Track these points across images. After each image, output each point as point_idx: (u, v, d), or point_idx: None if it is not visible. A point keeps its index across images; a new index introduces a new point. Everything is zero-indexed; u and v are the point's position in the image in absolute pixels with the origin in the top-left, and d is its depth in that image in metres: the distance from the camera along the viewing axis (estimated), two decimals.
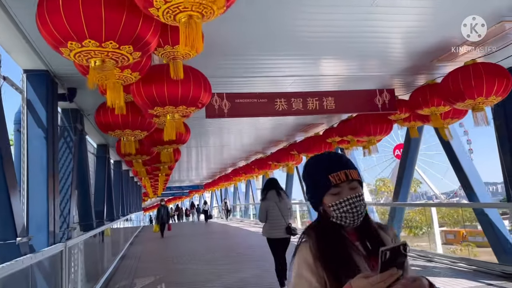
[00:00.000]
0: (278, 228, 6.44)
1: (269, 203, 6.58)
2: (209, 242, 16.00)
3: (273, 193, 6.65)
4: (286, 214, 6.52)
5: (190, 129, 8.10)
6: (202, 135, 13.13)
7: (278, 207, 6.50)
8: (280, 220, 6.45)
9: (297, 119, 11.88)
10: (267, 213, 6.56)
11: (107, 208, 13.47)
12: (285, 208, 6.55)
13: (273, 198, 6.59)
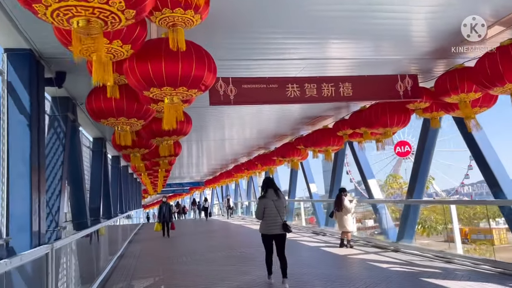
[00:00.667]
0: (275, 225, 6.82)
1: (267, 201, 6.89)
2: (211, 241, 15.37)
3: (272, 191, 6.97)
4: (282, 212, 6.90)
5: (191, 119, 7.46)
6: (202, 128, 12.49)
7: (275, 205, 6.83)
8: (277, 217, 6.82)
9: (303, 111, 11.26)
10: (264, 210, 6.88)
11: (104, 205, 12.86)
12: (281, 206, 6.91)
13: (272, 196, 6.92)
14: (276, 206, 6.84)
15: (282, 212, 6.88)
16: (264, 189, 7.09)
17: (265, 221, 6.89)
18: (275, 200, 6.88)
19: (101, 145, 11.75)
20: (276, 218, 6.82)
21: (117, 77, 4.77)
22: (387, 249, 10.49)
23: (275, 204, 6.84)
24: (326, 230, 14.82)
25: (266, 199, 6.92)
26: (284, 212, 7.01)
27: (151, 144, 8.60)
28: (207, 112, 10.11)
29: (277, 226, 6.81)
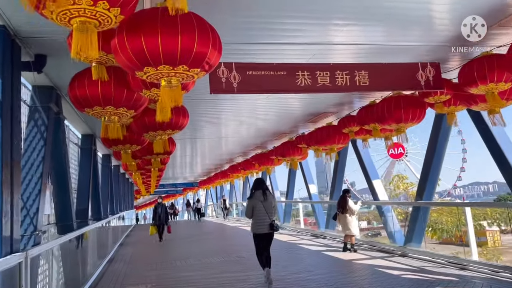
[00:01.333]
0: (263, 225, 7.12)
1: (255, 201, 7.22)
2: (206, 244, 14.69)
3: (259, 192, 7.29)
4: (270, 212, 7.19)
5: (188, 112, 6.79)
6: (196, 125, 11.79)
7: (263, 205, 7.16)
8: (265, 217, 7.13)
9: (305, 108, 10.66)
10: (253, 210, 7.22)
11: (93, 206, 12.14)
12: (270, 207, 7.22)
13: (259, 197, 7.23)
14: (264, 206, 7.16)
15: (270, 212, 7.18)
16: (252, 191, 7.46)
17: (254, 220, 7.24)
18: (263, 200, 7.20)
19: (90, 142, 11.03)
20: (264, 218, 7.13)
21: (104, 56, 4.09)
22: (394, 253, 9.89)
23: (263, 204, 7.16)
24: (326, 233, 14.20)
25: (254, 199, 7.26)
26: (273, 212, 7.29)
27: (143, 140, 7.91)
28: (202, 107, 9.46)
29: (265, 226, 7.11)
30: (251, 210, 7.25)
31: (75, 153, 11.09)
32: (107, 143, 7.70)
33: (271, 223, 7.10)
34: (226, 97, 9.07)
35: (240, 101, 9.69)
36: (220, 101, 9.34)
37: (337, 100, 9.67)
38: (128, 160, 8.50)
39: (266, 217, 7.11)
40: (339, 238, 13.12)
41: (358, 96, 9.38)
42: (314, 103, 10.01)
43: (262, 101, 9.71)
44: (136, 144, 7.94)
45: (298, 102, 10.14)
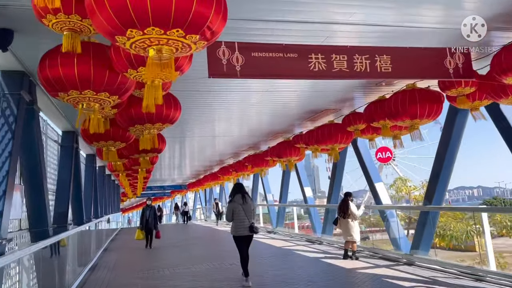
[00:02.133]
0: (243, 227, 7.40)
1: (235, 205, 7.52)
2: (196, 250, 13.83)
3: (239, 196, 7.60)
4: (250, 215, 7.49)
5: (180, 104, 6.01)
6: (185, 122, 10.93)
7: (243, 209, 7.45)
8: (244, 220, 7.40)
9: (303, 105, 9.92)
10: (233, 213, 7.51)
11: (74, 209, 11.24)
12: (249, 210, 7.52)
13: (239, 200, 7.54)
14: (244, 209, 7.45)
15: (249, 215, 7.48)
16: (232, 195, 7.76)
17: (234, 223, 7.53)
18: (242, 204, 7.49)
19: (71, 139, 10.12)
20: (244, 221, 7.41)
21: (78, 22, 3.29)
22: (399, 261, 9.20)
23: (243, 207, 7.46)
24: (323, 238, 13.46)
25: (234, 203, 7.57)
26: (252, 215, 7.59)
27: (129, 136, 7.08)
28: (189, 101, 8.65)
29: (245, 228, 7.39)
30: (231, 213, 7.55)
31: (55, 151, 10.18)
32: (88, 138, 6.86)
33: (250, 226, 7.42)
34: (218, 90, 8.35)
35: (233, 96, 8.96)
36: (212, 95, 8.54)
37: (339, 96, 8.98)
38: (113, 158, 7.64)
39: (245, 219, 7.41)
40: (337, 244, 12.41)
41: (362, 92, 8.69)
42: (313, 99, 9.30)
43: (257, 96, 8.99)
44: (120, 141, 7.11)
45: (296, 98, 9.43)
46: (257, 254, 11.67)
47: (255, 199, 23.68)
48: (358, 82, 8.00)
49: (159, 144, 7.96)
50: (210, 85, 7.67)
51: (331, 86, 8.31)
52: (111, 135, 6.83)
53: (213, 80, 7.31)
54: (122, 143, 7.19)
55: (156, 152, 8.89)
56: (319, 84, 8.23)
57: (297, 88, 8.45)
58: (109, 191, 24.10)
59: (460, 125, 8.05)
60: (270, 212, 19.95)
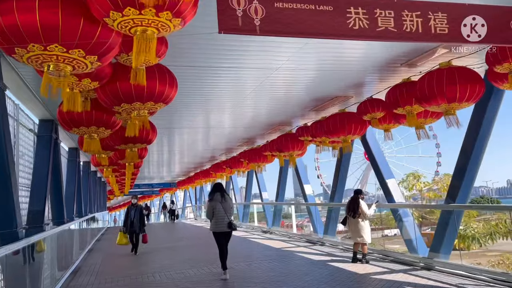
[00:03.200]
0: (223, 224, 7.84)
1: (215, 204, 7.91)
2: (189, 251, 12.74)
3: (218, 195, 7.99)
4: (229, 212, 7.92)
5: (176, 81, 4.97)
6: (173, 110, 9.90)
7: (222, 207, 7.87)
8: (224, 217, 7.85)
9: (307, 93, 8.94)
10: (213, 211, 7.90)
11: (54, 207, 10.12)
12: (228, 208, 7.95)
13: (218, 199, 7.93)
14: (223, 207, 7.89)
15: (228, 213, 7.93)
16: (212, 194, 8.14)
17: (214, 220, 7.93)
18: (222, 202, 7.91)
19: (50, 129, 8.98)
20: (223, 218, 7.85)
21: None
22: (415, 266, 8.28)
23: (222, 205, 7.89)
24: (325, 239, 12.49)
25: (214, 201, 7.94)
26: (231, 212, 8.03)
27: (114, 120, 6.02)
28: (183, 88, 7.65)
29: (224, 225, 7.84)
30: (211, 211, 7.93)
31: (31, 142, 9.03)
32: (65, 123, 5.78)
33: (229, 222, 7.88)
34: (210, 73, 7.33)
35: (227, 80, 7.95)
36: (203, 76, 7.46)
37: (349, 81, 8.02)
38: (96, 148, 6.52)
39: (225, 217, 7.87)
40: (342, 245, 11.47)
41: (377, 75, 7.72)
42: (321, 85, 8.32)
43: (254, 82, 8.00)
44: (105, 127, 6.04)
45: (300, 83, 8.44)
46: (255, 256, 10.67)
47: (249, 198, 22.55)
48: (374, 63, 7.04)
49: (149, 131, 7.01)
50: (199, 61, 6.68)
51: (342, 68, 7.35)
52: (93, 119, 5.79)
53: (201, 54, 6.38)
54: (106, 130, 6.12)
55: (145, 143, 7.86)
56: (326, 66, 7.28)
57: (301, 70, 7.48)
58: (95, 188, 22.87)
59: (493, 110, 7.07)
60: (265, 211, 18.93)
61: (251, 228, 19.59)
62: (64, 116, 5.66)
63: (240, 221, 22.13)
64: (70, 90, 4.07)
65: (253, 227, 19.59)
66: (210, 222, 8.14)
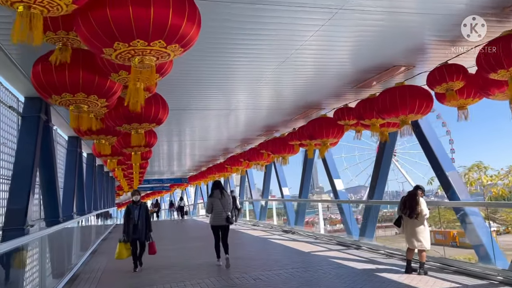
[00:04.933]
0: (221, 218, 8.64)
1: (214, 199, 8.71)
2: (202, 254, 11.02)
3: (218, 192, 8.79)
4: (226, 207, 8.73)
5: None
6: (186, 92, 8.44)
7: (220, 202, 8.67)
8: (222, 212, 8.65)
9: (349, 66, 7.23)
10: (212, 206, 8.74)
11: (47, 204, 8.55)
12: (226, 203, 8.75)
13: (217, 195, 8.73)
14: (222, 203, 8.63)
15: (226, 208, 8.67)
16: (212, 190, 8.85)
17: (213, 214, 8.69)
18: (220, 198, 8.64)
19: (37, 108, 7.34)
20: (221, 213, 8.60)
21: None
22: (491, 280, 6.56)
23: (221, 201, 8.62)
24: (361, 242, 10.73)
25: (213, 198, 8.69)
26: (228, 207, 8.74)
27: (111, 87, 4.37)
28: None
29: (222, 219, 8.59)
30: (210, 206, 8.67)
31: (14, 124, 7.40)
32: (41, 87, 4.19)
33: (227, 217, 8.55)
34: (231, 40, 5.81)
35: (248, 54, 6.41)
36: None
37: (416, 46, 6.25)
38: (86, 121, 4.97)
39: (223, 212, 8.54)
40: (384, 250, 9.72)
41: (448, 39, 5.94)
42: (369, 52, 6.60)
43: (279, 54, 6.40)
44: (97, 95, 4.43)
45: (342, 54, 6.74)
46: (277, 262, 9.01)
47: (267, 194, 20.72)
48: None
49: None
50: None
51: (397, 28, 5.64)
52: (81, 82, 4.20)
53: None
54: (99, 99, 4.54)
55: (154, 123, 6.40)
56: (374, 29, 5.58)
57: (339, 38, 5.82)
58: (102, 183, 21.32)
59: None
60: (287, 209, 17.16)
61: (269, 227, 17.86)
62: (39, 77, 4.02)
63: (257, 220, 20.40)
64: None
65: (272, 226, 17.86)
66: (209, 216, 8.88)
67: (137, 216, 8.74)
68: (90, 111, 4.86)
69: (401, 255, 9.04)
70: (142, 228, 8.73)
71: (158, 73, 3.81)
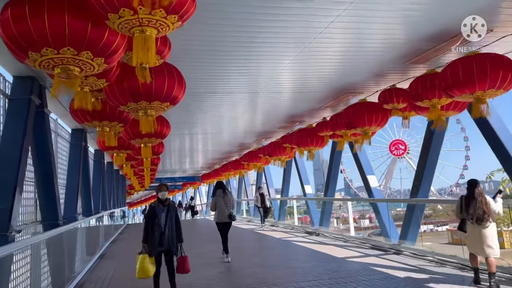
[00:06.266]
0: (224, 215, 9.19)
1: (217, 198, 9.30)
2: (212, 255, 9.69)
3: (220, 191, 9.38)
4: (229, 205, 9.23)
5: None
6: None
7: (223, 201, 9.22)
8: (225, 210, 9.19)
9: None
10: (216, 204, 9.34)
11: (44, 205, 7.37)
12: (228, 202, 9.27)
13: (220, 194, 9.33)
14: (224, 201, 9.22)
15: (229, 206, 9.22)
16: (215, 190, 9.59)
17: (217, 212, 9.33)
18: (223, 197, 9.26)
19: (29, 90, 6.10)
20: (224, 210, 9.19)
21: None
22: None
23: (224, 200, 9.23)
24: (402, 246, 9.33)
25: (216, 197, 9.33)
26: (230, 205, 9.27)
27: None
28: None
29: (225, 216, 9.17)
30: (214, 204, 9.40)
31: (1, 109, 6.16)
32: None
33: (229, 214, 9.20)
34: None
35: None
36: None
37: None
38: (84, 97, 3.73)
39: (226, 210, 9.20)
40: (433, 256, 8.34)
41: None
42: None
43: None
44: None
45: None
46: (314, 270, 7.75)
47: (287, 192, 19.25)
48: None
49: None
50: None
51: None
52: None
53: None
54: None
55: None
56: None
57: None
58: (111, 182, 20.16)
59: None
60: (310, 208, 15.77)
61: (290, 227, 16.49)
62: (9, 26, 2.83)
63: (276, 220, 19.04)
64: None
65: (293, 227, 16.50)
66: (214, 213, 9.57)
67: (163, 222, 6.18)
68: (84, 81, 3.66)
69: (456, 263, 7.70)
70: (172, 236, 6.20)
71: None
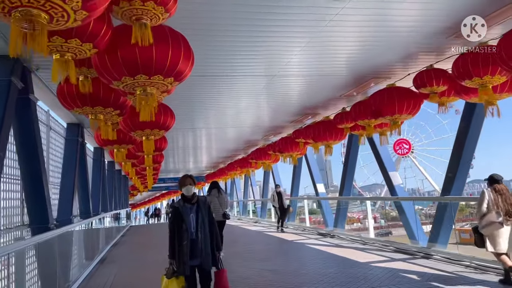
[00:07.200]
0: (218, 214, 9.18)
1: (212, 198, 9.46)
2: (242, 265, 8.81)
3: (215, 191, 9.70)
4: (223, 205, 9.56)
5: None
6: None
7: (218, 200, 9.50)
8: (219, 209, 9.39)
9: None
10: (211, 204, 8.81)
11: (32, 206, 6.49)
12: (223, 201, 9.60)
13: (215, 194, 9.61)
14: (219, 201, 9.50)
15: (223, 205, 9.54)
16: (210, 190, 9.87)
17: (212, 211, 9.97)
18: (217, 197, 9.55)
19: (8, 70, 5.19)
20: (219, 210, 9.34)
21: None
22: None
23: (218, 200, 9.50)
24: (433, 250, 8.37)
25: (211, 196, 9.51)
26: (225, 204, 9.60)
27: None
28: None
29: (219, 215, 9.22)
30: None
31: None
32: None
33: (223, 213, 9.43)
34: None
35: None
36: None
37: None
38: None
39: (220, 208, 9.41)
40: (470, 261, 7.37)
41: None
42: None
43: None
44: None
45: None
46: (337, 277, 6.89)
47: (297, 191, 18.24)
48: None
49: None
50: None
51: None
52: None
53: None
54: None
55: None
56: None
57: None
58: (111, 182, 19.27)
59: None
60: (323, 209, 14.79)
61: (301, 229, 15.53)
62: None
63: (286, 221, 18.09)
64: None
65: (304, 228, 15.55)
66: None
67: (192, 225, 4.54)
68: (64, 44, 2.96)
69: (500, 269, 6.75)
70: (206, 244, 4.53)
71: None
